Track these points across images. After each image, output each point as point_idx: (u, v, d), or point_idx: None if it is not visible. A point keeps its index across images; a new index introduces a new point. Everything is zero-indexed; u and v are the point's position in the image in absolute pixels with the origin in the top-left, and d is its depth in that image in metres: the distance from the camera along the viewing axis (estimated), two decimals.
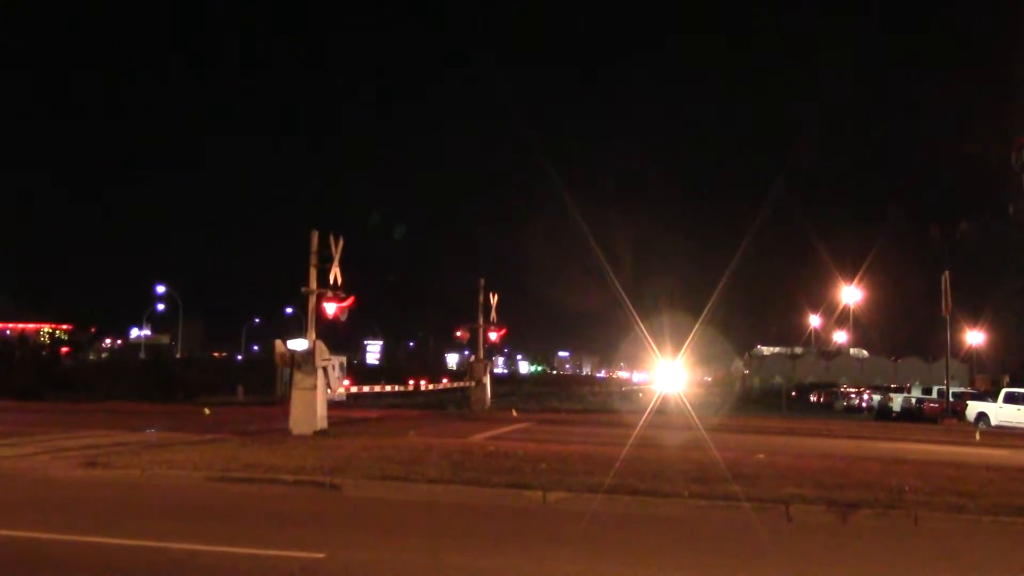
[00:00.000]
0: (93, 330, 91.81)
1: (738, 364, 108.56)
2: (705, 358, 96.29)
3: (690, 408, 28.57)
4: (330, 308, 22.31)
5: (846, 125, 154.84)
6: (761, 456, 17.23)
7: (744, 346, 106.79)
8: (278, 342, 23.18)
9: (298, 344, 23.11)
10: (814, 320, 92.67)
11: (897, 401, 44.87)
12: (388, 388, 53.77)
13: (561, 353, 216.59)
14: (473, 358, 38.98)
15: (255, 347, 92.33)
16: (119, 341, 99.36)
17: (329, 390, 22.71)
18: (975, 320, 61.62)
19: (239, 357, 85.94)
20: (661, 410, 31.13)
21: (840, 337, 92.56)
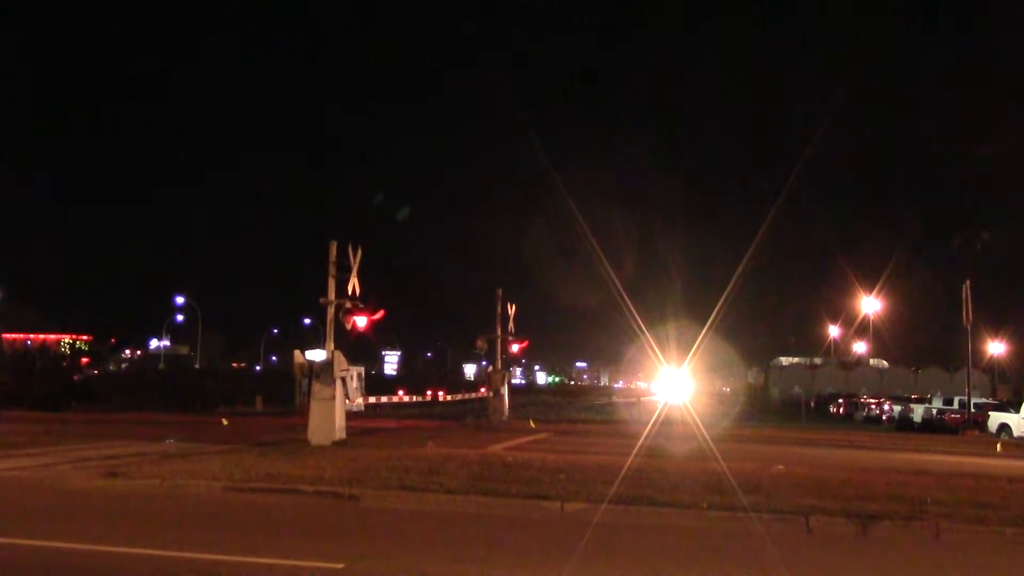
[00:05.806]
0: (113, 341, 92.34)
1: (755, 374, 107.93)
2: (721, 368, 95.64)
3: (700, 420, 28.40)
4: (360, 321, 22.44)
5: (868, 129, 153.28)
6: (780, 467, 17.14)
7: (763, 356, 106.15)
8: (297, 352, 23.33)
9: (316, 354, 23.23)
10: (833, 330, 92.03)
11: (918, 412, 44.47)
12: (406, 398, 54.00)
13: (579, 364, 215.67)
14: (491, 369, 38.97)
15: (273, 358, 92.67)
16: (139, 352, 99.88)
17: (347, 401, 22.81)
18: (997, 330, 61.03)
19: (258, 368, 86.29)
20: (674, 421, 30.96)
21: (860, 347, 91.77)
